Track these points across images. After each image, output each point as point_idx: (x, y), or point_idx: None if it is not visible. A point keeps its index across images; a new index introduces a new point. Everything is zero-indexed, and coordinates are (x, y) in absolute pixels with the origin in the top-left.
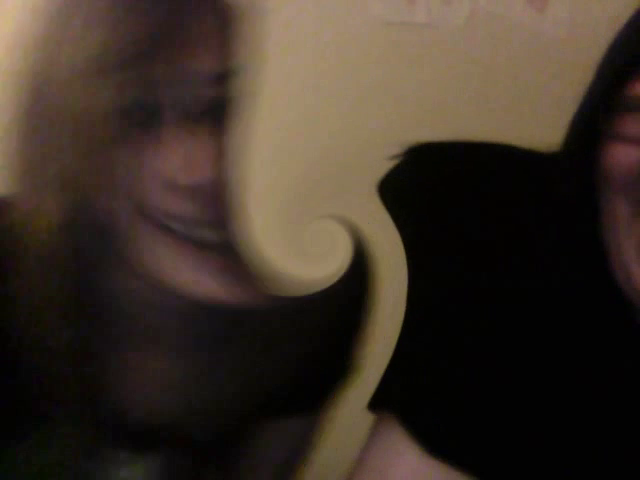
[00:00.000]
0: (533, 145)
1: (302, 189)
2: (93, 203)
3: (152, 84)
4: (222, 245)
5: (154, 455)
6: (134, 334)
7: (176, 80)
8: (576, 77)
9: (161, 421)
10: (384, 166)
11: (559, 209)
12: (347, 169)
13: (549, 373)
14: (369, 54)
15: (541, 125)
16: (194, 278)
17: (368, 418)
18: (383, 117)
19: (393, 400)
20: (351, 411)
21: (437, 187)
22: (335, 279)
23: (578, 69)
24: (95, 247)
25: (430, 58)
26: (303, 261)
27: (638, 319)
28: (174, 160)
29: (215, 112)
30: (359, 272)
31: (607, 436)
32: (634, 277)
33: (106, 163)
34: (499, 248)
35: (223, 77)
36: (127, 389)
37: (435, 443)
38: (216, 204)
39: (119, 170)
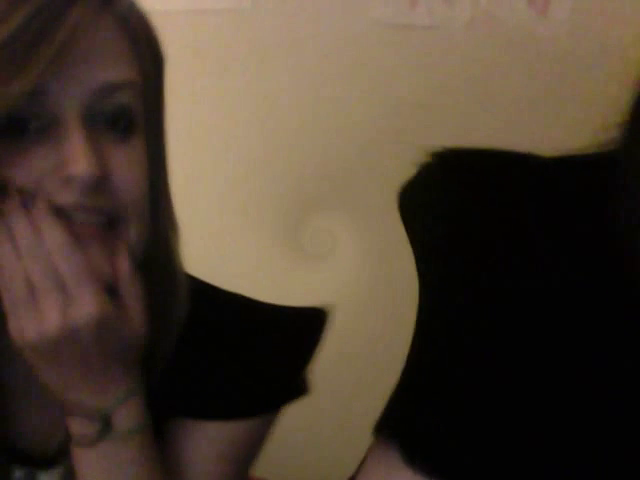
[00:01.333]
0: (533, 146)
1: (302, 189)
2: None
3: (40, 93)
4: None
5: (57, 467)
6: None
7: (68, 87)
8: (577, 79)
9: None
10: (384, 166)
11: (592, 228)
12: (348, 169)
13: (550, 392)
14: (371, 56)
15: (542, 125)
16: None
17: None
18: (384, 118)
19: (390, 423)
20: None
21: (463, 199)
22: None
23: (579, 71)
24: None
25: (432, 60)
26: (303, 260)
27: None
28: (69, 156)
29: (121, 117)
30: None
31: (610, 448)
32: None
33: None
34: (529, 266)
35: (123, 84)
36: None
37: (431, 465)
38: (113, 197)
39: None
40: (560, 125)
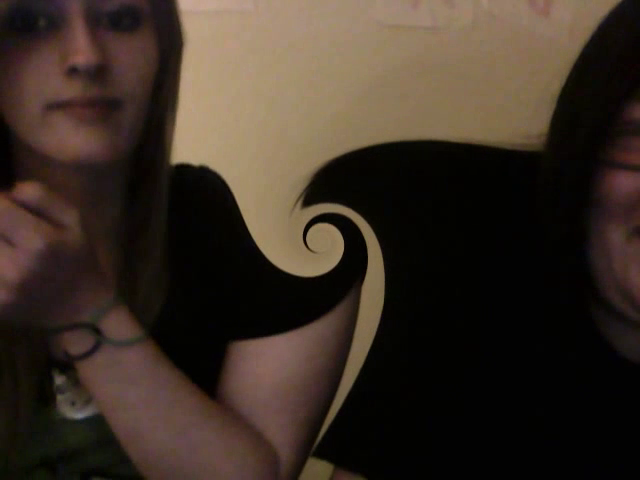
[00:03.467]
0: (535, 146)
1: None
2: None
3: None
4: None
5: None
6: None
7: None
8: None
9: None
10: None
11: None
12: None
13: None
14: (373, 57)
15: (545, 125)
16: (63, 137)
17: None
18: (385, 119)
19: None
20: None
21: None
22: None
23: None
24: None
25: (433, 61)
26: (303, 260)
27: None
28: (72, 48)
29: (123, 15)
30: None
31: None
32: (635, 292)
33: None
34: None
35: None
36: None
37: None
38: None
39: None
40: None
